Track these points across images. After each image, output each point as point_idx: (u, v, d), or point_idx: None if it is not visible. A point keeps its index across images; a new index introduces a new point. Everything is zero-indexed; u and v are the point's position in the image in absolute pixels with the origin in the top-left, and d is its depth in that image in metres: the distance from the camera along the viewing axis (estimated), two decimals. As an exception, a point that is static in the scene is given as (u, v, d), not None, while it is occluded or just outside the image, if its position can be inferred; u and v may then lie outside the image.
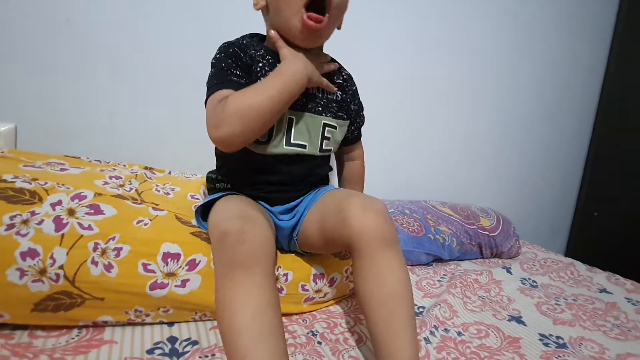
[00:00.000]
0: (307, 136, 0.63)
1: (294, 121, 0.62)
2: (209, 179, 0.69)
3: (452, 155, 1.34)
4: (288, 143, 0.61)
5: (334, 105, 0.66)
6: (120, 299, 0.52)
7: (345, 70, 0.72)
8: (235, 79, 0.57)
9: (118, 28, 0.87)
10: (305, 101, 0.63)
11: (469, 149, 1.37)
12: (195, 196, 0.74)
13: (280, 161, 0.62)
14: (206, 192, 0.73)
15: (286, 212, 0.65)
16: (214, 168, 0.71)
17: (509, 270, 0.93)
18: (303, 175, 0.65)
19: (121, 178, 0.68)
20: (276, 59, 0.60)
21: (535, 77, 1.44)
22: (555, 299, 0.80)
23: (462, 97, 1.32)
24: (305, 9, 0.55)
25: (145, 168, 0.83)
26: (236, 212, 0.52)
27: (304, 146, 0.63)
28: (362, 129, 0.77)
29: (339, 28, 0.65)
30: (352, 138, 0.75)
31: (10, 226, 0.49)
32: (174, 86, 0.94)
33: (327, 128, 0.65)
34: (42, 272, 0.49)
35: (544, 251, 1.14)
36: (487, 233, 1.03)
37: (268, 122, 0.55)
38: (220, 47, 0.62)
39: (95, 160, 0.80)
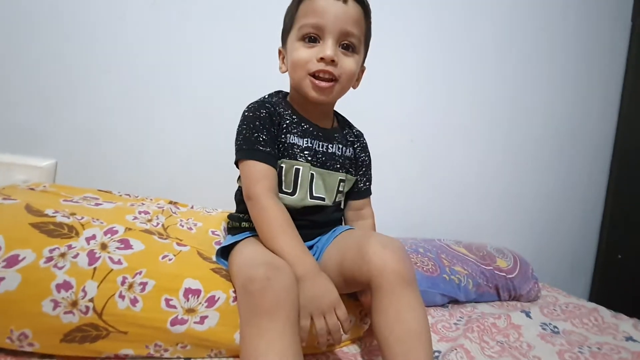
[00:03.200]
0: (324, 190, 0.69)
1: (314, 177, 0.68)
2: (234, 217, 0.72)
3: (465, 193, 1.35)
4: (311, 196, 0.67)
5: (348, 162, 0.73)
6: (143, 333, 0.54)
7: (355, 128, 0.79)
8: (262, 148, 0.62)
9: (152, 72, 0.96)
10: (324, 160, 0.69)
11: (482, 186, 1.38)
12: (215, 232, 0.77)
13: (301, 211, 0.67)
14: (226, 228, 0.76)
15: None
16: (235, 209, 0.74)
17: (528, 315, 0.90)
18: (321, 222, 0.70)
19: (149, 213, 0.73)
20: (300, 118, 0.68)
21: (547, 114, 1.46)
22: (578, 347, 0.77)
23: (474, 135, 1.34)
24: (310, 76, 0.63)
25: (170, 202, 0.87)
26: (261, 258, 0.54)
27: (323, 199, 0.69)
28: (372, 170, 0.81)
29: (354, 87, 0.71)
30: (361, 191, 0.77)
31: (49, 259, 0.53)
32: (201, 126, 1.00)
33: (341, 183, 0.72)
34: (74, 304, 0.52)
35: (565, 295, 1.10)
36: (504, 274, 1.02)
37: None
38: (249, 106, 0.66)
39: (125, 195, 0.85)
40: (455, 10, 1.26)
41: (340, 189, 0.72)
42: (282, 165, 0.65)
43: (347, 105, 0.88)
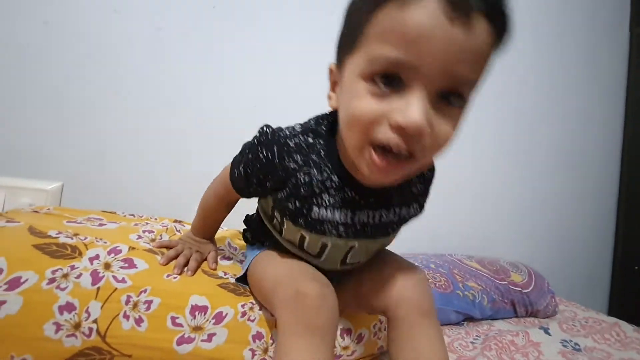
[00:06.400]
0: (364, 256, 0.57)
1: (354, 248, 0.53)
2: (247, 231, 0.69)
3: (475, 206, 1.33)
4: (343, 264, 0.56)
5: (405, 221, 0.56)
6: (147, 355, 0.51)
7: (428, 173, 0.56)
8: (242, 186, 0.55)
9: (158, 94, 0.98)
10: (374, 232, 0.52)
11: (493, 199, 1.36)
12: (220, 247, 0.76)
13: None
14: (231, 242, 0.75)
15: None
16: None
17: (547, 331, 0.86)
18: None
19: (153, 232, 0.71)
20: (343, 181, 0.47)
21: (553, 124, 1.46)
22: (603, 365, 0.73)
23: (482, 146, 1.34)
24: (373, 148, 0.39)
25: (175, 221, 0.86)
26: (308, 273, 0.51)
27: (358, 262, 0.57)
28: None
29: None
30: None
31: (52, 280, 0.52)
32: (208, 147, 1.01)
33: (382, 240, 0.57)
34: (77, 326, 0.50)
35: (583, 309, 1.06)
36: (520, 289, 0.98)
37: None
38: (256, 138, 0.50)
39: (130, 215, 0.84)
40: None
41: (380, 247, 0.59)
42: (305, 235, 0.52)
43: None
